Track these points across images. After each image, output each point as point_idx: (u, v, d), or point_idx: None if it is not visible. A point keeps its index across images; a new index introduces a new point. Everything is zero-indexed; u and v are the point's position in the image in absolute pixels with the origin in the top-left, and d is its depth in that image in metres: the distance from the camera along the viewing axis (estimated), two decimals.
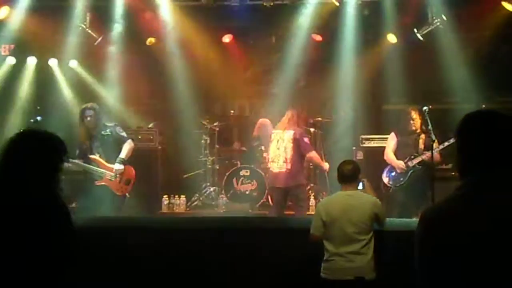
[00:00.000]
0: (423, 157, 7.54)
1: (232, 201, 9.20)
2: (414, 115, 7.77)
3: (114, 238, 5.78)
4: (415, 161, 7.69)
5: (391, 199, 7.81)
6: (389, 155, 7.99)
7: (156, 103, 10.89)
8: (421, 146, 7.72)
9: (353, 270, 5.06)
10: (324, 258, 5.16)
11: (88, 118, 7.66)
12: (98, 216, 7.02)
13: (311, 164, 8.95)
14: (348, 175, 5.39)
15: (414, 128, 7.79)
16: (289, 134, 7.99)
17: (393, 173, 7.90)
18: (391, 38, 9.74)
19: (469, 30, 9.04)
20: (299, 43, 10.01)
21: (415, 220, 6.47)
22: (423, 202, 7.16)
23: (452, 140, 7.19)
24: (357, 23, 9.46)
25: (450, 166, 8.80)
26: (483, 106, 9.29)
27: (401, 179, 7.80)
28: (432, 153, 7.10)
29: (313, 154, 8.09)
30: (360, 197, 5.31)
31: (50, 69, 10.04)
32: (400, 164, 7.79)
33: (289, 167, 7.90)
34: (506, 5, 8.10)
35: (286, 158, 7.90)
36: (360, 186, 5.62)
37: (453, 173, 8.74)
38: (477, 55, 9.11)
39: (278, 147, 8.04)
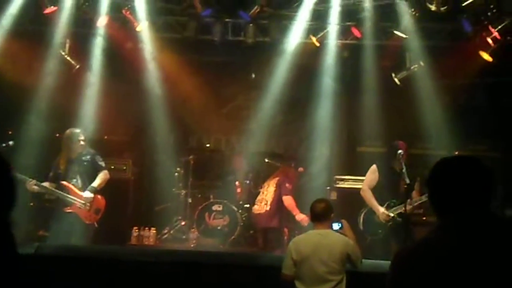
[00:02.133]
0: (405, 208, 6.88)
1: (203, 235, 9.10)
2: (405, 150, 7.31)
3: (81, 268, 5.66)
4: (396, 212, 7.27)
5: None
6: (368, 194, 7.53)
7: (131, 134, 10.80)
8: (402, 189, 7.10)
9: None
10: None
11: (82, 142, 7.73)
12: (66, 245, 6.87)
13: None
14: (320, 213, 5.36)
15: (401, 165, 7.10)
16: (275, 180, 8.65)
17: (372, 221, 7.49)
18: (368, 81, 9.85)
19: (446, 77, 9.17)
20: (278, 81, 10.08)
21: (385, 262, 6.49)
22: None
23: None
24: (337, 64, 9.56)
25: (421, 211, 8.88)
26: (456, 153, 9.42)
27: (379, 231, 7.42)
28: (408, 202, 6.90)
29: (288, 199, 8.49)
30: (331, 237, 5.25)
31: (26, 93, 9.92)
32: (384, 213, 7.36)
33: (268, 209, 8.44)
34: (483, 54, 8.24)
35: (266, 201, 8.37)
36: (337, 227, 5.52)
37: (424, 218, 8.82)
38: (453, 102, 9.24)
39: (263, 192, 8.71)
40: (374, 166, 7.69)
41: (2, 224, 2.76)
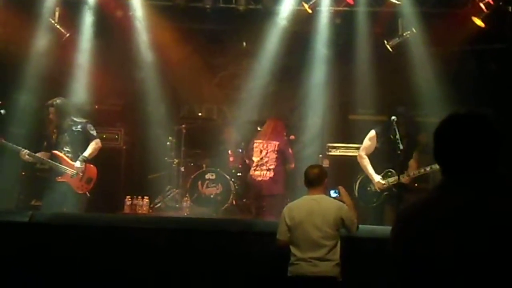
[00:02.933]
0: (403, 180, 7.02)
1: (196, 204, 9.12)
2: (404, 114, 7.28)
3: (76, 236, 5.68)
4: (392, 181, 7.20)
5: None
6: (365, 161, 7.44)
7: (123, 103, 10.74)
8: (400, 158, 7.00)
9: (318, 275, 5.04)
10: (290, 261, 5.13)
11: (50, 115, 7.73)
12: (60, 213, 6.87)
13: None
14: (313, 179, 5.37)
15: (400, 133, 7.01)
16: (273, 145, 8.44)
17: (367, 190, 7.45)
18: (360, 48, 9.82)
19: (439, 44, 9.13)
20: (270, 49, 10.03)
21: (379, 227, 6.54)
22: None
23: (428, 169, 7.12)
24: (329, 31, 9.50)
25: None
26: None
27: (374, 199, 7.39)
28: (401, 176, 6.98)
29: (292, 166, 8.60)
30: (325, 202, 5.27)
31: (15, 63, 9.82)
32: (380, 181, 7.32)
33: (271, 175, 8.38)
34: (476, 20, 8.21)
35: (269, 168, 8.37)
36: (334, 194, 5.54)
37: (416, 184, 8.87)
38: (445, 69, 9.22)
39: (261, 157, 8.48)
40: (372, 132, 7.55)
41: None
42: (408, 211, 2.33)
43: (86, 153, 7.72)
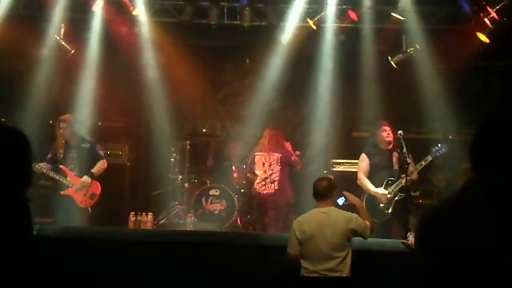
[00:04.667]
0: (403, 182, 7.04)
1: (200, 220, 9.07)
2: (388, 128, 7.46)
3: (84, 249, 5.64)
4: (396, 188, 7.25)
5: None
6: (365, 181, 7.51)
7: (127, 119, 10.76)
8: (395, 166, 7.38)
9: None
10: (300, 274, 5.10)
11: (61, 130, 7.91)
12: (68, 227, 6.85)
13: None
14: (322, 191, 5.36)
15: (388, 141, 7.40)
16: (275, 157, 8.43)
17: (375, 206, 7.34)
18: (364, 64, 9.86)
19: (443, 61, 9.18)
20: (274, 66, 10.07)
21: (388, 240, 6.53)
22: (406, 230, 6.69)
23: (428, 158, 7.23)
24: (333, 48, 9.56)
25: (417, 193, 8.93)
26: (450, 137, 9.47)
27: (386, 211, 7.34)
28: (407, 175, 6.99)
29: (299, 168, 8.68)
30: (334, 214, 5.25)
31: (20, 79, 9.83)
32: (383, 193, 7.33)
33: (277, 187, 8.35)
34: (480, 36, 8.25)
35: (273, 180, 8.33)
36: (342, 201, 5.55)
37: (420, 201, 8.87)
38: (449, 86, 9.25)
39: (265, 170, 8.44)
40: (362, 155, 7.72)
41: (22, 200, 2.74)
42: (437, 209, 2.31)
43: (94, 170, 7.89)
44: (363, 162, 7.65)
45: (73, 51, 9.51)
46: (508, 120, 2.25)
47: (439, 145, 7.25)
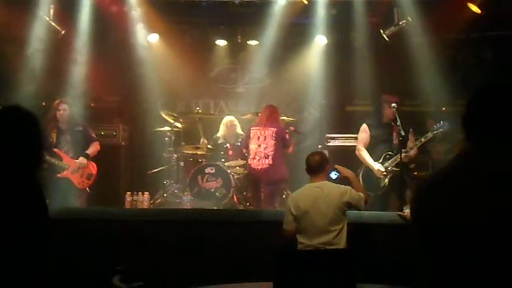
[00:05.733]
0: (404, 159, 7.01)
1: (196, 198, 9.08)
2: (392, 103, 7.29)
3: (84, 229, 5.67)
4: (393, 163, 7.27)
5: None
6: (363, 153, 7.49)
7: (119, 99, 10.74)
8: (395, 140, 7.32)
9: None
10: (297, 249, 5.14)
11: (61, 111, 7.89)
12: (65, 208, 6.86)
13: None
14: (315, 166, 5.39)
15: (390, 117, 7.26)
16: (270, 131, 8.39)
17: (372, 179, 7.39)
18: (357, 38, 9.83)
19: (435, 33, 9.15)
20: (266, 42, 10.04)
21: (384, 213, 6.57)
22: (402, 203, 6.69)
23: (429, 135, 7.25)
24: (325, 22, 9.52)
25: (413, 166, 8.94)
26: (444, 109, 9.49)
27: (381, 185, 7.37)
28: (405, 150, 7.04)
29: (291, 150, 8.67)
30: (328, 188, 5.28)
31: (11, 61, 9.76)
32: (380, 168, 7.35)
33: (271, 162, 8.33)
34: (472, 6, 8.23)
35: (267, 155, 8.31)
36: (335, 176, 5.60)
37: (415, 173, 8.89)
38: (441, 57, 9.25)
39: (259, 144, 8.46)
40: (364, 125, 7.64)
41: (36, 183, 2.74)
42: (430, 181, 2.33)
43: (89, 151, 7.97)
44: (364, 133, 7.59)
45: (63, 32, 9.44)
46: (501, 87, 2.26)
47: (441, 122, 7.23)
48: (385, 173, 7.34)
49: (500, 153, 2.15)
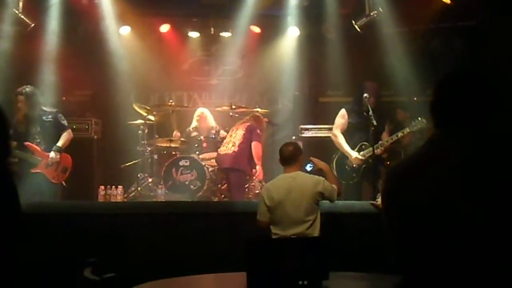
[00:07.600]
0: (377, 151, 7.04)
1: (171, 191, 9.03)
2: (373, 89, 7.24)
3: (55, 224, 5.62)
4: (367, 154, 7.20)
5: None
6: (340, 139, 7.39)
7: (91, 93, 10.65)
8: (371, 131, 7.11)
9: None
10: None
11: (19, 104, 7.58)
12: (37, 202, 6.77)
13: None
14: (288, 156, 5.41)
15: (367, 107, 7.08)
16: (245, 125, 8.62)
17: (345, 167, 7.39)
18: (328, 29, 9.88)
19: (405, 23, 9.21)
20: (238, 34, 10.04)
21: (358, 202, 6.63)
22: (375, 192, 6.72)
23: (406, 131, 7.20)
24: (298, 13, 9.55)
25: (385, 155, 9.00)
26: (415, 99, 9.58)
27: (354, 174, 7.36)
28: (378, 144, 7.08)
29: (258, 145, 8.49)
30: (302, 178, 5.30)
31: None
32: (357, 157, 7.30)
33: (235, 149, 8.38)
34: None
35: (234, 143, 8.43)
36: (309, 168, 5.63)
37: (388, 163, 8.96)
38: (412, 48, 9.32)
39: (231, 135, 8.66)
40: (343, 110, 7.54)
41: (6, 173, 2.73)
42: (401, 167, 2.36)
43: (60, 143, 7.66)
44: (342, 118, 7.49)
45: (33, 25, 9.31)
46: (467, 74, 2.30)
47: (419, 118, 7.20)
48: (360, 161, 7.31)
49: (468, 138, 2.19)
